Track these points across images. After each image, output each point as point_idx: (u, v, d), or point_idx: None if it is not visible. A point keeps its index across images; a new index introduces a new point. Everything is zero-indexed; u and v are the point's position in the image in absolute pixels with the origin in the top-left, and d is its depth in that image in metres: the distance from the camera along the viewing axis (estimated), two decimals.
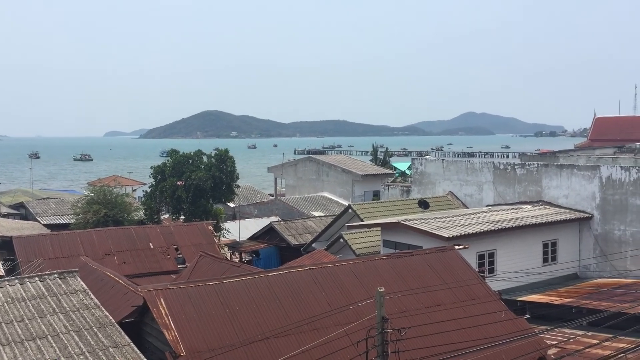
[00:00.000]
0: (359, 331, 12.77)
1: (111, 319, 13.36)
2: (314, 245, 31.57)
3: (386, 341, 11.76)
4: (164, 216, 41.36)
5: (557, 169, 28.89)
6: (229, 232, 39.27)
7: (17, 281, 13.99)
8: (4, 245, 29.41)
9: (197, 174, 37.47)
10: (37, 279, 14.24)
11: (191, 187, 37.27)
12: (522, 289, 23.22)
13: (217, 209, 39.45)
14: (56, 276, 14.43)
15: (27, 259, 25.36)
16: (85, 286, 14.39)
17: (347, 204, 35.03)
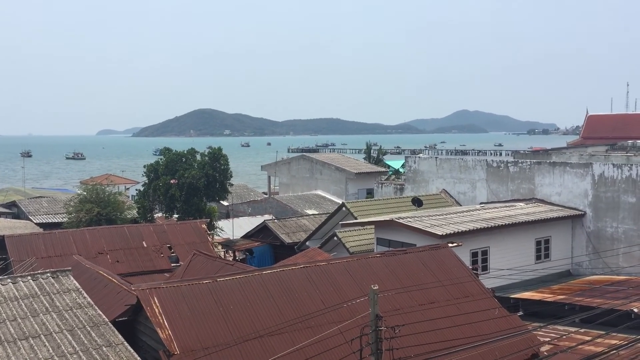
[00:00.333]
0: (353, 329, 12.80)
1: (104, 317, 13.31)
2: (307, 243, 31.56)
3: (380, 339, 11.79)
4: (157, 215, 41.27)
5: (549, 166, 28.98)
6: (222, 230, 39.27)
7: (9, 280, 13.90)
8: None
9: (190, 173, 37.40)
10: (29, 278, 14.17)
11: (184, 186, 37.21)
12: (515, 286, 23.30)
13: (210, 208, 39.41)
14: (49, 275, 14.36)
15: (20, 258, 25.24)
16: (78, 285, 14.33)
17: (340, 202, 35.02)
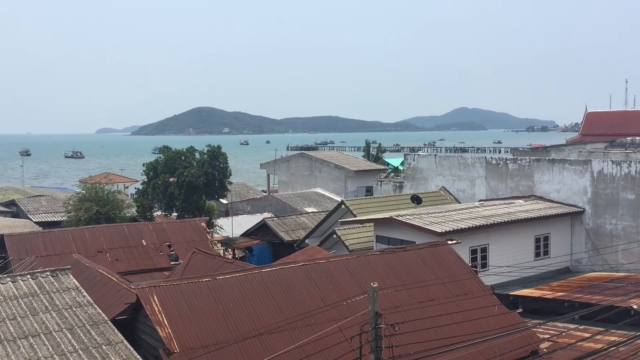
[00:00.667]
0: (353, 327, 12.79)
1: (104, 316, 13.30)
2: (307, 241, 31.55)
3: (380, 336, 11.79)
4: (156, 213, 41.27)
5: (548, 163, 28.99)
6: (221, 228, 39.27)
7: (9, 279, 13.89)
8: None
9: (189, 171, 37.38)
10: (29, 276, 14.15)
11: (184, 184, 37.19)
12: (515, 283, 23.35)
13: (209, 206, 39.39)
14: (48, 274, 14.35)
15: (19, 256, 25.21)
16: (77, 284, 14.32)
17: (340, 200, 35.03)
